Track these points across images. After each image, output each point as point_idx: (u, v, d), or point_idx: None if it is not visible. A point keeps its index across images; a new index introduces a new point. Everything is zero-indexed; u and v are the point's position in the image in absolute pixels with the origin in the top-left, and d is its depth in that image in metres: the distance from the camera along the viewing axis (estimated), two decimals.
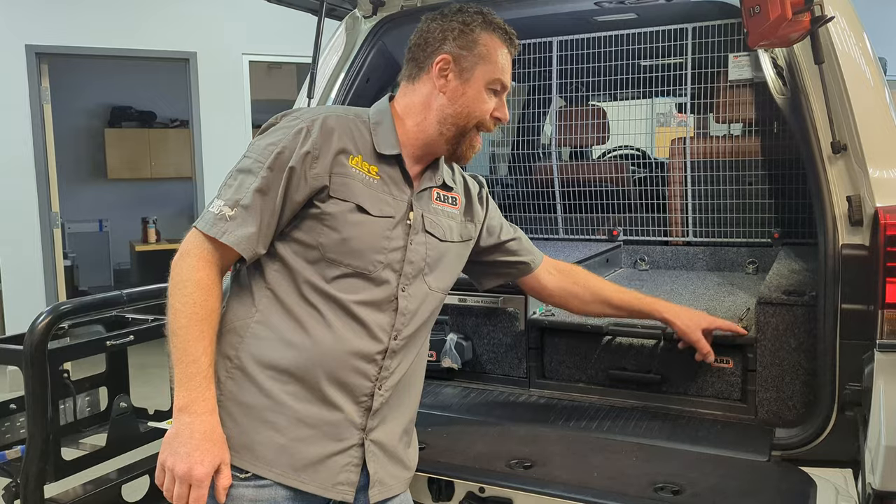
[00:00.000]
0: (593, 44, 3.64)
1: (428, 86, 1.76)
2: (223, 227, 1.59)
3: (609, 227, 3.80)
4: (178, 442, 1.52)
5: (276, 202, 1.62)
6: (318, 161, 1.64)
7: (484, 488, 2.02)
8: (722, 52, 3.39)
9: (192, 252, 1.59)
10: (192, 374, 1.54)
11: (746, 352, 2.35)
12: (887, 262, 1.92)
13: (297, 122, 1.67)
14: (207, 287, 1.57)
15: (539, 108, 4.32)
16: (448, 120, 1.75)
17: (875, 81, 2.20)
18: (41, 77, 6.61)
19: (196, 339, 1.54)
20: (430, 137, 1.77)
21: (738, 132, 3.67)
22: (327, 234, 1.65)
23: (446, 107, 1.75)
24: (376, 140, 1.73)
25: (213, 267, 1.60)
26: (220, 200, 1.62)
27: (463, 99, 1.75)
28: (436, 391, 2.69)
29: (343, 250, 1.65)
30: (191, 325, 1.54)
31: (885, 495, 1.86)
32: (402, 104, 1.79)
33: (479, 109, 1.76)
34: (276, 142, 1.64)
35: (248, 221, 1.60)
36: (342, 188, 1.66)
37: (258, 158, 1.63)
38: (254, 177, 1.62)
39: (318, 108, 1.77)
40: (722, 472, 2.01)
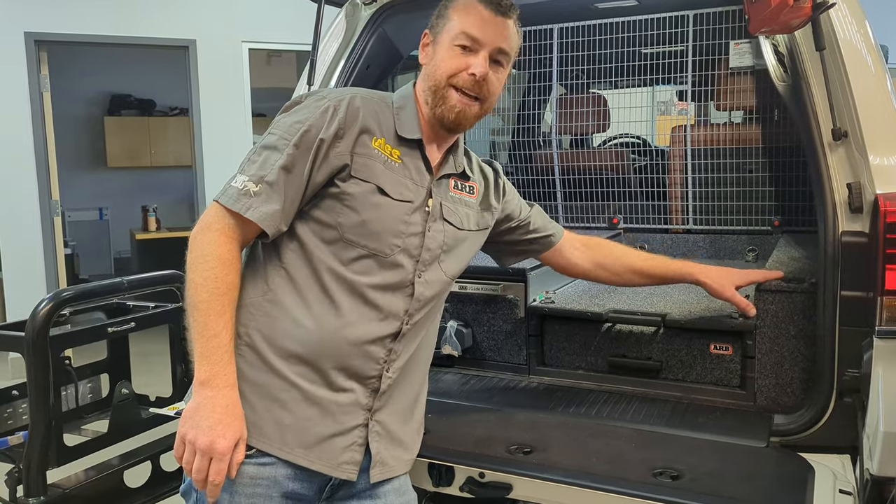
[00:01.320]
0: (594, 31, 3.62)
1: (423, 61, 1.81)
2: (247, 202, 1.59)
3: (609, 215, 3.80)
4: (200, 415, 1.52)
5: (300, 180, 1.62)
6: (343, 140, 1.65)
7: (484, 473, 2.03)
8: (723, 40, 3.38)
9: (213, 226, 1.59)
10: (214, 349, 1.54)
11: (746, 338, 2.36)
12: (887, 248, 1.93)
13: (324, 102, 1.67)
14: (229, 262, 1.57)
15: (539, 95, 4.31)
16: (426, 84, 1.77)
17: (876, 68, 2.19)
18: (40, 65, 6.59)
19: (217, 314, 1.54)
20: (426, 112, 1.78)
21: (738, 120, 3.67)
22: (347, 215, 1.65)
23: (425, 76, 1.78)
24: (399, 124, 1.74)
25: (234, 242, 1.60)
26: (243, 176, 1.62)
27: (434, 60, 1.76)
28: (436, 378, 2.70)
29: (361, 232, 1.66)
30: (212, 299, 1.54)
31: (883, 481, 1.87)
32: (418, 87, 1.82)
33: (446, 65, 1.74)
34: (302, 120, 1.65)
35: (273, 198, 1.60)
36: (364, 168, 1.67)
37: (284, 135, 1.63)
38: (279, 153, 1.62)
39: (344, 89, 1.79)
40: (721, 458, 2.02)
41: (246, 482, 1.60)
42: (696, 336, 2.44)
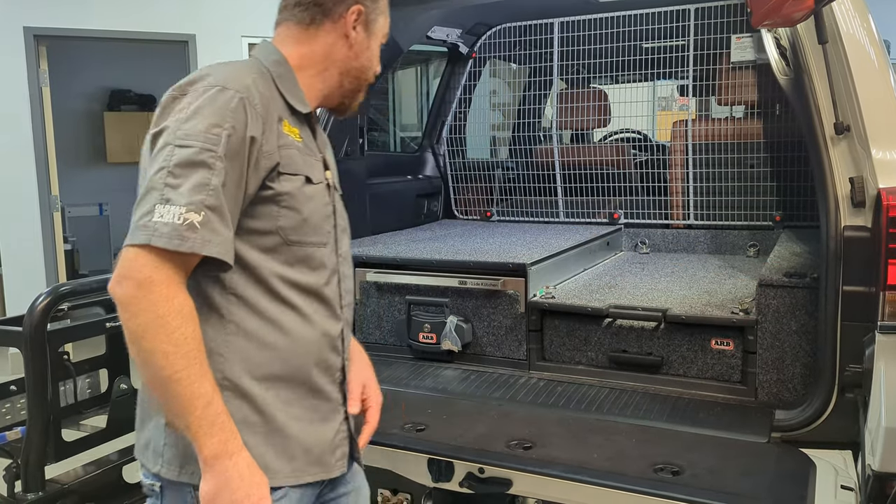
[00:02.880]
0: (595, 25, 3.61)
1: (333, 35, 1.60)
2: (196, 237, 1.33)
3: (610, 210, 3.79)
4: (231, 490, 1.38)
5: (238, 194, 1.42)
6: (266, 136, 1.46)
7: (484, 469, 2.02)
8: (724, 34, 3.37)
9: (156, 279, 1.32)
10: (214, 417, 1.36)
11: (747, 334, 2.35)
12: (889, 243, 1.92)
13: (230, 94, 1.42)
14: (191, 314, 1.36)
15: (540, 90, 4.30)
16: (352, 73, 1.65)
17: (879, 62, 2.18)
18: (39, 59, 6.57)
19: (201, 378, 1.35)
20: (330, 90, 1.65)
21: (739, 114, 3.65)
22: (286, 216, 1.50)
23: (352, 59, 1.63)
24: (289, 98, 1.56)
25: (185, 288, 1.37)
26: (174, 206, 1.33)
27: (367, 53, 1.65)
28: (436, 373, 2.69)
29: (304, 229, 1.53)
30: (191, 365, 1.33)
31: (884, 476, 1.86)
32: (299, 53, 1.60)
33: (376, 64, 1.68)
34: (219, 122, 1.38)
35: (222, 224, 1.38)
36: (290, 162, 1.50)
37: (206, 146, 1.37)
38: (209, 170, 1.36)
39: (229, 71, 1.49)
40: (721, 454, 2.01)
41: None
42: (697, 331, 2.44)
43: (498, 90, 4.78)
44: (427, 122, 4.43)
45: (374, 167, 3.70)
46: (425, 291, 2.82)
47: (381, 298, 2.92)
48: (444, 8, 3.57)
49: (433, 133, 4.34)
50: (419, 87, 6.86)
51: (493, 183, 4.19)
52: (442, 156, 4.30)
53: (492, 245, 3.16)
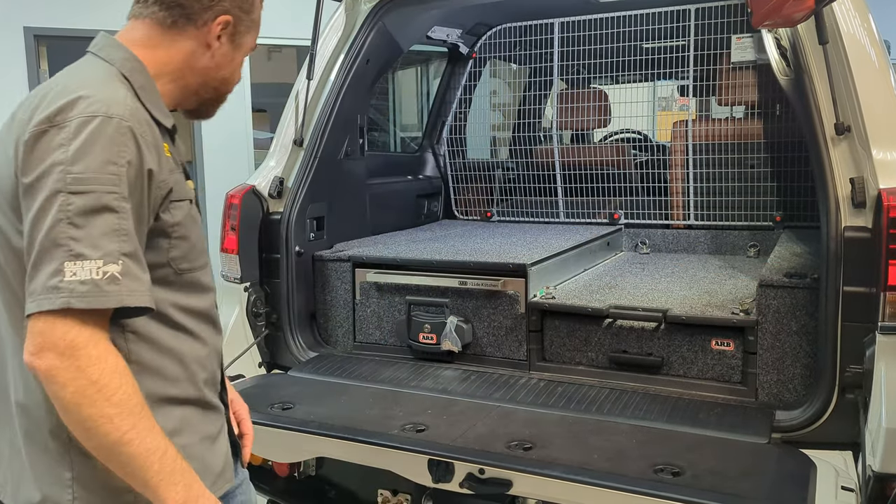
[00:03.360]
0: (595, 25, 3.61)
1: (194, 42, 1.46)
2: (121, 289, 1.24)
3: (610, 211, 3.79)
4: None
5: (142, 233, 1.32)
6: (158, 165, 1.34)
7: (484, 469, 2.02)
8: (725, 34, 3.36)
9: (79, 344, 1.21)
10: (173, 466, 1.29)
11: (747, 334, 2.35)
12: (890, 244, 1.92)
13: (115, 123, 1.27)
14: (125, 370, 1.27)
15: (540, 90, 4.30)
16: (211, 84, 1.53)
17: (880, 63, 2.18)
18: (40, 59, 6.58)
19: (151, 431, 1.27)
20: (185, 98, 1.53)
21: (740, 115, 3.65)
22: (178, 246, 1.40)
23: (213, 70, 1.50)
24: (153, 111, 1.40)
25: (110, 344, 1.27)
26: (87, 261, 1.21)
27: (231, 65, 1.54)
28: (436, 374, 2.69)
29: (192, 255, 1.45)
30: (137, 423, 1.25)
31: (885, 477, 1.86)
32: (156, 58, 1.44)
33: (238, 76, 1.59)
34: (112, 159, 1.25)
35: (140, 269, 1.28)
36: (177, 187, 1.39)
37: (106, 188, 1.24)
38: (114, 213, 1.24)
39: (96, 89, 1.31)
40: (722, 454, 2.01)
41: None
42: (697, 332, 2.43)
43: (498, 90, 4.78)
44: (427, 123, 4.43)
45: (374, 167, 3.70)
46: (425, 292, 2.82)
47: (381, 299, 2.92)
48: (445, 8, 3.57)
49: (433, 133, 4.34)
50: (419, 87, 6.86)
51: (494, 183, 4.19)
52: (442, 156, 4.30)
53: (492, 245, 3.15)
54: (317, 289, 3.07)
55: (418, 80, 6.89)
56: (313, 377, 2.73)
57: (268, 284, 2.91)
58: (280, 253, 2.87)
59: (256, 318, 2.87)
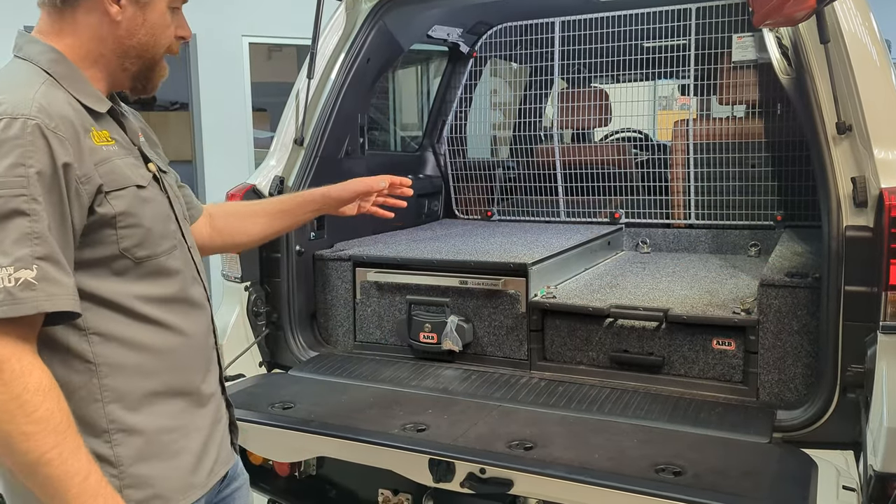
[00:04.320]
0: (596, 24, 3.61)
1: (93, 15, 1.38)
2: (38, 294, 1.20)
3: (611, 210, 3.79)
4: None
5: (66, 234, 1.27)
6: (79, 159, 1.29)
7: (485, 469, 2.01)
8: (726, 33, 3.36)
9: (4, 357, 1.19)
10: (94, 491, 1.24)
11: (748, 334, 2.35)
12: (892, 243, 1.92)
13: (21, 123, 1.23)
14: (52, 386, 1.22)
15: (541, 89, 4.30)
16: (131, 53, 1.43)
17: (881, 62, 2.17)
18: None
19: (75, 454, 1.22)
20: (114, 76, 1.45)
21: (741, 114, 3.65)
22: (128, 236, 1.36)
23: (125, 38, 1.41)
24: (83, 99, 1.36)
25: (36, 356, 1.23)
26: (0, 270, 1.19)
27: (145, 27, 1.43)
28: (437, 373, 2.69)
29: (150, 241, 1.40)
30: (60, 443, 1.20)
31: (886, 477, 1.86)
32: (67, 43, 1.39)
33: (165, 36, 1.47)
34: (19, 161, 1.21)
35: (59, 272, 1.24)
36: (112, 177, 1.34)
37: (15, 192, 1.20)
38: (25, 217, 1.20)
39: (8, 91, 1.29)
40: (723, 454, 2.01)
41: None
42: (698, 331, 2.43)
43: (499, 89, 4.78)
44: (428, 122, 4.43)
45: (375, 166, 3.69)
46: (426, 291, 2.82)
47: (382, 298, 2.92)
48: (445, 7, 3.57)
49: (434, 132, 4.34)
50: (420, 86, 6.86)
51: (494, 182, 4.19)
52: (443, 155, 4.30)
53: (493, 245, 3.15)
54: (317, 288, 3.06)
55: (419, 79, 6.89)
56: (314, 377, 2.73)
57: (268, 284, 2.91)
58: (280, 252, 2.87)
59: (257, 318, 2.87)
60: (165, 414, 1.44)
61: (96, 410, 1.35)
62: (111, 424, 1.37)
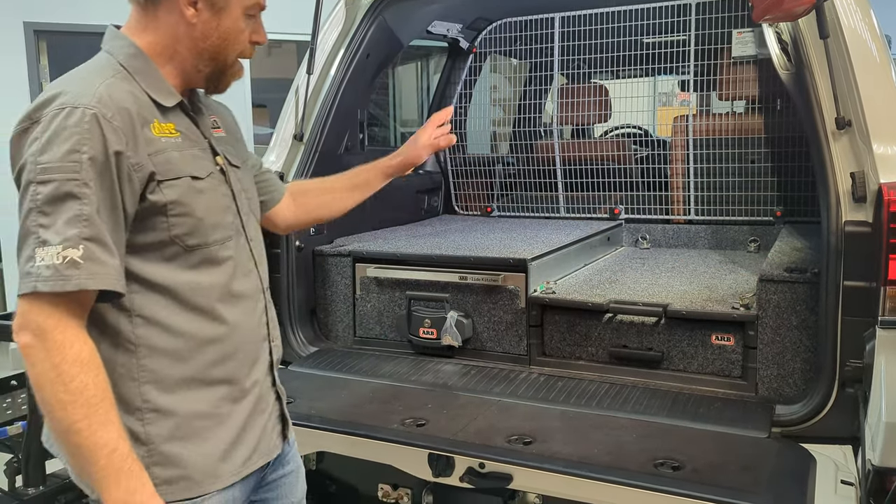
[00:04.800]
0: (596, 20, 3.60)
1: (172, 16, 1.46)
2: (81, 273, 1.27)
3: (610, 206, 3.79)
4: None
5: (116, 217, 1.34)
6: (132, 148, 1.36)
7: (484, 464, 2.02)
8: (726, 29, 3.36)
9: (48, 327, 1.27)
10: (119, 465, 1.29)
11: (748, 329, 2.35)
12: (890, 238, 1.92)
13: (80, 112, 1.31)
14: (90, 360, 1.29)
15: (541, 85, 4.29)
16: (205, 55, 1.51)
17: (881, 57, 2.17)
18: (39, 55, 6.57)
19: (104, 426, 1.28)
20: (188, 75, 1.53)
21: (740, 109, 3.65)
22: (179, 223, 1.42)
23: (200, 41, 1.48)
24: (153, 93, 1.44)
25: (82, 332, 1.30)
26: (50, 247, 1.27)
27: (219, 31, 1.49)
28: (436, 368, 2.69)
29: (201, 231, 1.45)
30: (91, 415, 1.27)
31: (884, 471, 1.86)
32: (147, 41, 1.48)
33: (238, 41, 1.53)
34: (75, 146, 1.29)
35: (105, 253, 1.31)
36: (168, 167, 1.41)
37: (67, 175, 1.28)
38: (77, 200, 1.28)
39: (73, 84, 1.37)
40: (722, 449, 2.01)
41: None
42: (697, 326, 2.43)
43: (498, 85, 4.77)
44: (427, 118, 4.42)
45: None
46: (426, 287, 2.82)
47: (382, 294, 2.92)
48: (445, 3, 3.56)
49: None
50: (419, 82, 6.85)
51: (494, 178, 4.19)
52: (442, 151, 4.29)
53: (492, 240, 3.15)
54: (317, 284, 3.07)
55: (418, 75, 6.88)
56: (314, 372, 2.73)
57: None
58: (280, 248, 2.87)
59: None
60: (200, 400, 1.48)
61: (132, 389, 1.41)
62: (145, 404, 1.42)
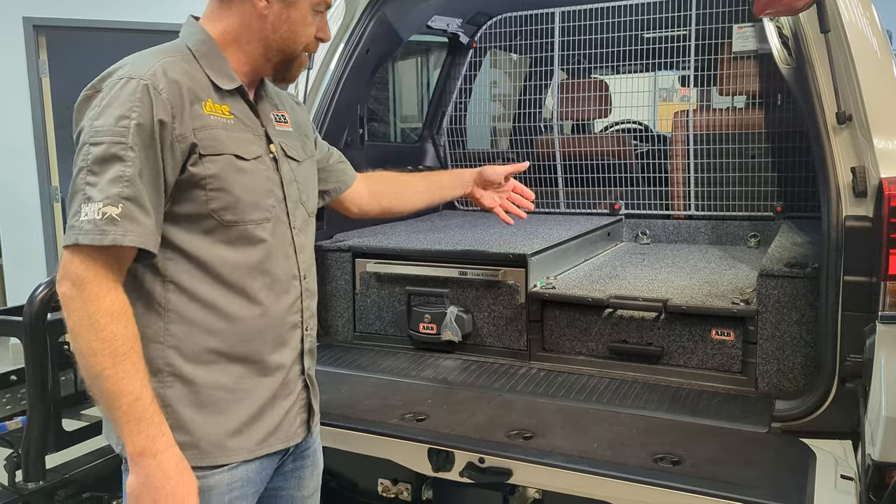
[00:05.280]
0: (596, 15, 3.60)
1: (245, 7, 1.57)
2: (116, 229, 1.36)
3: (611, 201, 3.79)
4: (154, 488, 1.39)
5: (157, 182, 1.43)
6: (178, 120, 1.45)
7: (484, 459, 2.02)
8: (726, 23, 3.35)
9: (85, 278, 1.36)
10: (141, 414, 1.37)
11: (747, 324, 2.35)
12: (890, 233, 1.91)
13: (134, 83, 1.42)
14: (121, 313, 1.38)
15: (541, 80, 4.29)
16: (274, 46, 1.60)
17: (881, 52, 2.16)
18: (39, 50, 6.56)
19: (130, 376, 1.36)
20: (257, 63, 1.62)
21: (741, 105, 3.64)
22: (216, 198, 1.49)
23: (270, 32, 1.58)
24: (213, 76, 1.54)
25: (116, 285, 1.39)
26: (93, 203, 1.36)
27: (288, 24, 1.59)
28: (436, 364, 2.69)
29: (238, 208, 1.52)
30: (118, 362, 1.35)
31: (884, 466, 1.86)
32: (220, 29, 1.59)
33: (305, 34, 1.63)
34: (125, 113, 1.40)
35: (141, 213, 1.39)
36: (212, 143, 1.49)
37: (115, 139, 1.39)
38: (122, 162, 1.38)
39: (138, 59, 1.50)
40: (721, 444, 2.01)
41: (223, 490, 1.55)
42: (697, 321, 2.43)
43: (498, 80, 4.77)
44: (427, 113, 4.42)
45: (375, 157, 3.68)
46: (425, 282, 2.82)
47: (382, 289, 2.92)
48: None
49: (433, 123, 4.33)
50: (419, 77, 6.83)
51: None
52: (442, 146, 4.29)
53: (492, 236, 3.15)
54: (317, 279, 3.06)
55: (418, 70, 6.86)
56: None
57: None
58: None
59: None
60: (222, 373, 1.54)
61: (156, 351, 1.49)
62: (167, 367, 1.50)
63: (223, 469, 1.55)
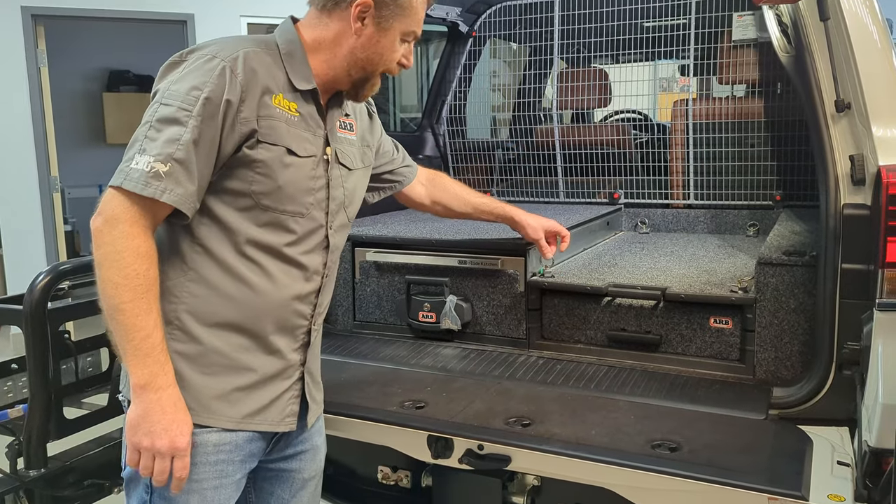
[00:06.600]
0: (596, 3, 3.59)
1: (342, 24, 1.68)
2: (159, 185, 1.47)
3: (610, 190, 3.79)
4: (151, 421, 1.49)
5: (210, 153, 1.53)
6: (246, 104, 1.55)
7: (483, 445, 2.03)
8: (726, 12, 3.35)
9: (121, 217, 1.46)
10: (149, 350, 1.48)
11: (746, 312, 2.36)
12: (889, 221, 1.92)
13: (216, 62, 1.54)
14: (147, 255, 1.48)
15: (540, 69, 4.28)
16: (358, 63, 1.71)
17: (881, 40, 2.16)
18: (37, 39, 6.54)
19: (146, 313, 1.47)
20: (337, 75, 1.72)
21: (741, 94, 3.64)
22: (260, 182, 1.59)
23: (358, 50, 1.69)
24: (291, 74, 1.66)
25: (147, 231, 1.49)
26: (146, 156, 1.47)
27: (376, 47, 1.70)
28: (435, 352, 2.70)
29: (277, 196, 1.62)
30: (137, 298, 1.46)
31: (881, 453, 1.87)
32: (313, 36, 1.70)
33: (390, 58, 1.73)
34: (199, 85, 1.51)
35: (186, 176, 1.50)
36: (271, 132, 1.59)
37: (183, 105, 1.50)
38: (182, 127, 1.49)
39: (227, 42, 1.61)
40: (719, 430, 2.02)
41: (210, 450, 1.62)
42: (695, 310, 2.44)
43: (498, 69, 4.76)
44: (426, 102, 4.42)
45: None
46: (425, 271, 2.83)
47: (381, 278, 2.93)
48: None
49: (433, 113, 4.33)
50: (419, 66, 6.82)
51: (493, 163, 4.18)
52: (442, 135, 4.29)
53: (491, 225, 3.14)
54: None
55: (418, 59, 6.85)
56: None
57: None
58: None
59: None
60: (224, 340, 1.63)
61: (170, 304, 1.59)
62: (176, 320, 1.60)
63: (210, 429, 1.62)
